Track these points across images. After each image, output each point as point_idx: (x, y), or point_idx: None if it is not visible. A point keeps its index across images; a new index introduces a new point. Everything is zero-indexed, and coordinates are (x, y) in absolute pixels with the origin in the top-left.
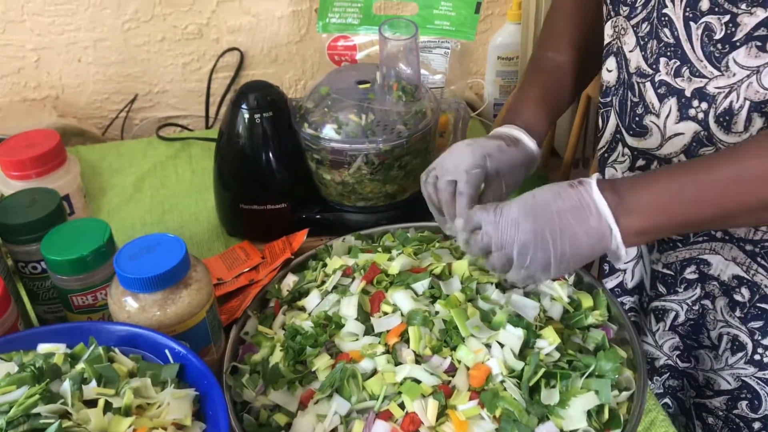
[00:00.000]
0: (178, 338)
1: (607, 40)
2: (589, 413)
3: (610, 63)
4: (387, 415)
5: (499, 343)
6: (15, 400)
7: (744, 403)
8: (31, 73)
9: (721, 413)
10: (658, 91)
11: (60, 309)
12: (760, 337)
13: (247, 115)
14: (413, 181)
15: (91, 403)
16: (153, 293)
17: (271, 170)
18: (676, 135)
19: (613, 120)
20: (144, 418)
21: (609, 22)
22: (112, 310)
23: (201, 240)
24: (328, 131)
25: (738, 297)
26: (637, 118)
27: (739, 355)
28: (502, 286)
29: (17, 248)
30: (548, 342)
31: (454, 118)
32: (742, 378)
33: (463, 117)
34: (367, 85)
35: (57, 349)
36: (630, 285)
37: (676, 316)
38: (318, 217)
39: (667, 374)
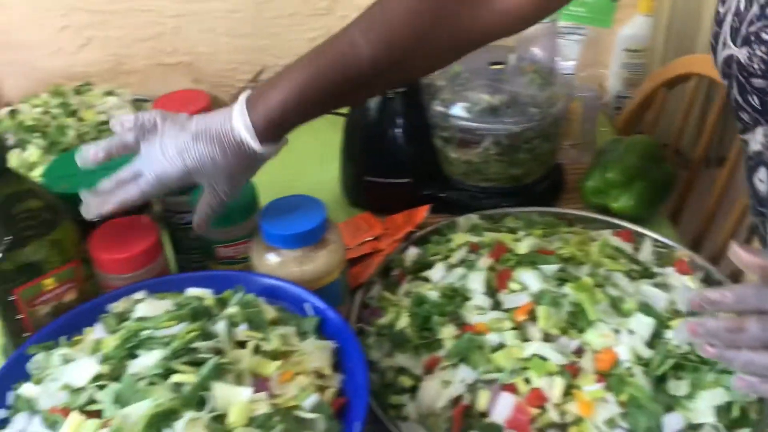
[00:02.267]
0: None
1: (757, 147)
2: (717, 409)
3: (762, 173)
4: (512, 389)
5: (629, 330)
6: (175, 334)
7: None
8: (169, 39)
9: None
10: None
11: (201, 260)
12: None
13: None
14: (539, 165)
15: (240, 346)
16: (294, 250)
17: (398, 145)
18: None
19: None
20: (289, 363)
21: (760, 129)
22: (254, 263)
23: None
24: (458, 110)
25: None
26: None
27: None
28: (630, 276)
29: (169, 198)
30: None
31: (582, 106)
32: None
33: (593, 106)
34: (500, 66)
35: (204, 294)
36: None
37: None
38: (442, 195)
39: None
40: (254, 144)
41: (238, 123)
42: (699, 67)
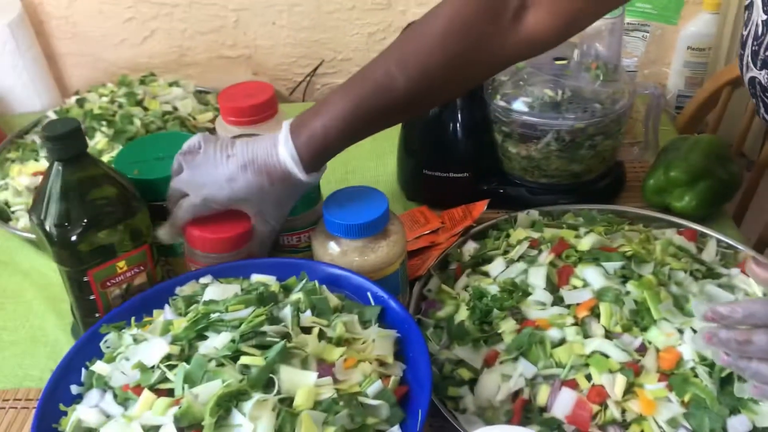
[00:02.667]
0: None
1: None
2: None
3: None
4: (573, 384)
5: (693, 330)
6: (243, 317)
7: None
8: (230, 32)
9: None
10: None
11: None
12: None
13: None
14: (600, 163)
15: (305, 331)
16: (356, 240)
17: (457, 140)
18: None
19: None
20: (352, 350)
21: None
22: (316, 252)
23: None
24: (520, 105)
25: None
26: None
27: None
28: (694, 276)
29: None
30: None
31: (645, 105)
32: None
33: (656, 104)
34: (564, 62)
35: (269, 281)
36: None
37: None
38: (501, 191)
39: None
40: (300, 174)
41: (284, 153)
42: None
